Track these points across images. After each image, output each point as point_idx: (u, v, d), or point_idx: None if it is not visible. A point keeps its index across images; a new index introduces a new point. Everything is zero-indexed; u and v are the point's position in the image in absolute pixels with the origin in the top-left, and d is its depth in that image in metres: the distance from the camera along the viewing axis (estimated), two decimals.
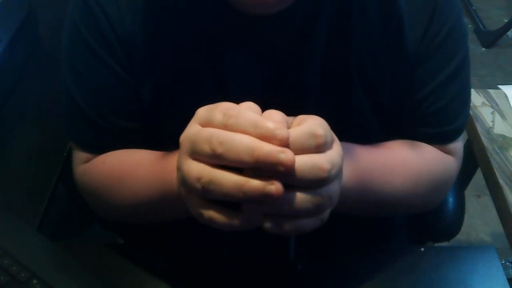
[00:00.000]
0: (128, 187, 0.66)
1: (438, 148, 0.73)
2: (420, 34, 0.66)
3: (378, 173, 0.64)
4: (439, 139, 0.73)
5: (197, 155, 0.44)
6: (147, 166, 0.64)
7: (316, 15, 0.63)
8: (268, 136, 0.41)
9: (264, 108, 0.67)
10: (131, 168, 0.67)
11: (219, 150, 0.41)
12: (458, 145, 0.75)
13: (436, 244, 1.02)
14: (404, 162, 0.68)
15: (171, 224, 0.66)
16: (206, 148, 0.43)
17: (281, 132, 0.41)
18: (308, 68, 0.66)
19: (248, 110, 0.44)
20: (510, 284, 0.67)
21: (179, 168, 0.48)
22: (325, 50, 0.65)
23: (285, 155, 0.40)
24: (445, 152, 0.74)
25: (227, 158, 0.41)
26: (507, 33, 2.59)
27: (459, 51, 0.69)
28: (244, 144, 0.41)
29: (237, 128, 0.42)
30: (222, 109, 0.44)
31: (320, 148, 0.44)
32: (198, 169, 0.44)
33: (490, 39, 2.57)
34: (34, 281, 0.64)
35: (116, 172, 0.68)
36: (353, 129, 0.68)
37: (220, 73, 0.66)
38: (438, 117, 0.71)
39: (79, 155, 0.72)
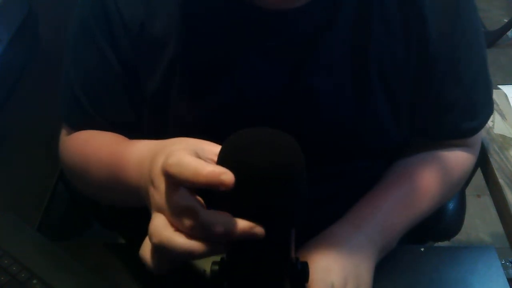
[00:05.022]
0: (90, 168, 0.68)
1: (459, 142, 0.76)
2: (444, 32, 0.65)
3: (402, 218, 0.69)
4: (461, 134, 0.75)
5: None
6: (106, 151, 0.66)
7: (335, 12, 0.62)
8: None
9: (278, 107, 0.66)
10: (95, 149, 0.69)
11: (170, 170, 0.44)
12: (477, 136, 0.77)
13: (436, 244, 1.02)
14: (428, 187, 0.72)
15: None
16: (162, 165, 0.46)
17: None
18: (326, 67, 0.65)
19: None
20: (510, 284, 0.67)
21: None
22: (343, 48, 0.64)
23: (226, 175, 0.40)
24: (465, 145, 0.76)
25: (176, 178, 0.43)
26: (507, 33, 2.59)
27: (480, 46, 0.70)
28: (191, 165, 0.42)
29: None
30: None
31: None
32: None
33: (490, 39, 2.57)
34: (34, 281, 0.64)
35: (83, 150, 0.70)
36: (369, 126, 0.68)
37: (233, 70, 0.65)
38: (461, 113, 0.72)
39: (64, 130, 0.75)
